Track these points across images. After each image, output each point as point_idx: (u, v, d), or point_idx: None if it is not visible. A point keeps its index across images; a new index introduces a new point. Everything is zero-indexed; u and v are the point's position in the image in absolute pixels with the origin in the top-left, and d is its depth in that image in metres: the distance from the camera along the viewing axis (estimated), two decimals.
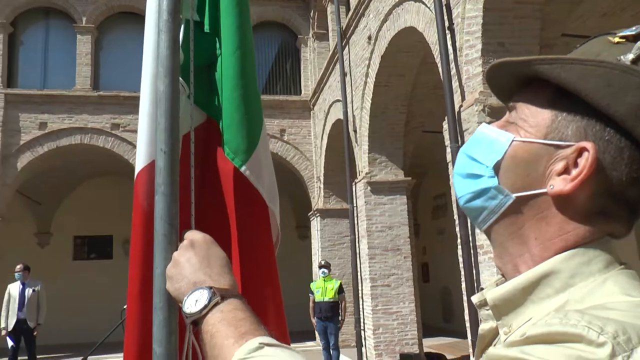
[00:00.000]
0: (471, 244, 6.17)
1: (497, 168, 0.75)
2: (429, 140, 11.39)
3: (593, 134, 0.69)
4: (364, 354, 10.89)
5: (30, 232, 17.55)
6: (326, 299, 10.11)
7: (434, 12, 7.04)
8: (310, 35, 16.10)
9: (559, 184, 0.70)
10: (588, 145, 0.68)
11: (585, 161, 0.68)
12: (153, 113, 1.24)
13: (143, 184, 1.28)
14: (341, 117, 12.18)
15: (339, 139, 12.67)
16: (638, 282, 0.67)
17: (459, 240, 6.35)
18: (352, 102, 11.86)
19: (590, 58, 0.71)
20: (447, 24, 6.86)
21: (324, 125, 14.13)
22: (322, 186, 14.48)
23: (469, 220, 5.92)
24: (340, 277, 12.51)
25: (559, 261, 0.69)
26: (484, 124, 0.82)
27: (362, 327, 11.08)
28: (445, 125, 6.68)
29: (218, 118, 1.40)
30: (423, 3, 7.84)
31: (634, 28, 0.71)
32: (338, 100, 12.67)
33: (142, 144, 1.32)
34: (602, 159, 0.68)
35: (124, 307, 1.36)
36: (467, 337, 6.52)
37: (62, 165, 15.73)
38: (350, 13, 11.76)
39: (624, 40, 0.71)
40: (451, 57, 6.75)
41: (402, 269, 10.59)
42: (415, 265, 11.09)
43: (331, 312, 10.11)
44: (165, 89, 1.13)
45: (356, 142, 11.65)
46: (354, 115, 11.73)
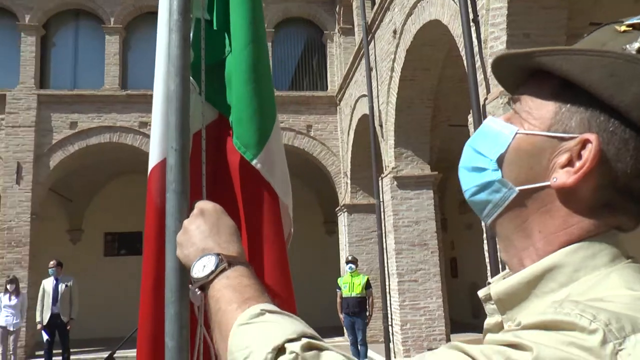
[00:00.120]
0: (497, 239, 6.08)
1: (500, 161, 0.74)
2: (455, 134, 11.28)
3: (597, 126, 0.67)
4: (392, 350, 10.86)
5: (63, 229, 17.92)
6: (353, 294, 10.11)
7: (458, 4, 6.96)
8: (336, 30, 16.06)
9: (562, 177, 0.68)
10: (591, 136, 0.67)
11: (588, 153, 0.67)
12: (165, 111, 1.25)
13: (156, 182, 1.31)
14: (367, 112, 12.14)
15: (366, 134, 12.64)
16: None
17: (485, 235, 6.29)
18: (377, 96, 11.81)
19: (594, 48, 0.70)
20: (471, 16, 6.77)
21: (351, 120, 14.10)
22: (349, 181, 14.46)
23: None
24: (368, 273, 12.48)
25: (563, 255, 0.68)
26: (490, 117, 0.81)
27: (389, 323, 11.05)
28: (470, 118, 6.60)
29: (229, 114, 1.41)
30: None
31: None
32: (364, 95, 12.63)
33: (154, 141, 1.35)
34: (606, 150, 0.67)
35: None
36: None
37: (92, 163, 16.02)
38: (376, 7, 11.70)
39: (630, 28, 0.70)
40: (476, 49, 6.67)
41: (429, 264, 10.53)
42: (443, 260, 11.02)
43: (358, 308, 10.10)
44: (176, 88, 1.14)
45: (382, 136, 11.60)
46: (379, 110, 11.68)
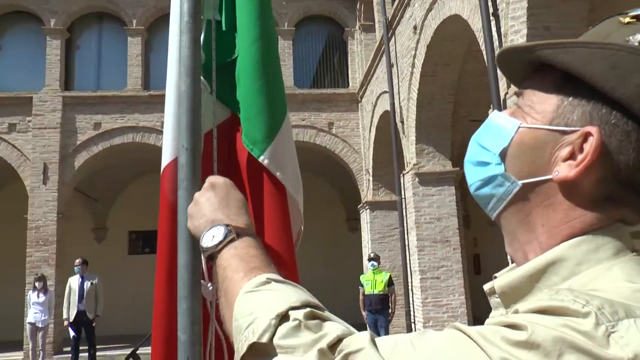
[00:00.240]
0: None
1: (503, 155, 0.75)
2: (476, 130, 11.16)
3: (599, 118, 0.67)
4: None
5: (88, 228, 18.21)
6: (376, 291, 10.11)
7: None
8: (357, 27, 16.02)
9: (563, 170, 0.68)
10: (593, 129, 0.66)
11: (589, 146, 0.66)
12: (176, 111, 1.28)
13: (168, 180, 1.33)
14: (388, 108, 12.11)
15: (387, 130, 12.60)
16: None
17: None
18: (398, 93, 11.77)
19: (596, 40, 0.69)
20: (491, 10, 6.71)
21: (372, 117, 14.07)
22: (371, 178, 14.44)
23: None
24: (390, 270, 12.46)
25: (566, 249, 0.68)
26: (495, 111, 0.82)
27: (412, 320, 11.02)
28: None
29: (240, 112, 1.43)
30: None
31: None
32: (385, 92, 12.59)
33: (167, 141, 1.37)
34: (608, 143, 0.66)
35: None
36: None
37: (116, 163, 16.25)
38: (396, 3, 11.65)
39: (634, 20, 0.69)
40: (496, 43, 6.61)
41: (451, 260, 10.47)
42: (465, 256, 10.94)
43: (381, 305, 10.09)
44: (186, 88, 1.17)
45: (403, 133, 11.56)
46: (400, 106, 11.64)
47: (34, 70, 15.09)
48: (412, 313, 11.02)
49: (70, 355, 11.12)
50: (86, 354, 10.90)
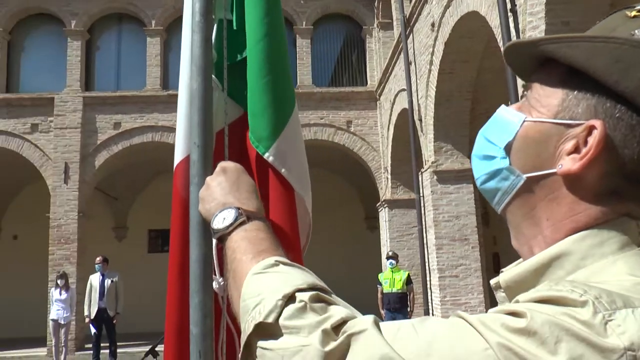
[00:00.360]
0: None
1: (508, 149, 0.75)
2: None
3: (603, 112, 0.67)
4: None
5: (109, 227, 18.43)
6: (394, 290, 10.09)
7: None
8: (375, 25, 15.97)
9: (567, 163, 0.68)
10: (596, 123, 0.66)
11: (593, 139, 0.66)
12: (188, 109, 1.30)
13: (180, 177, 1.35)
14: (407, 106, 12.07)
15: (405, 128, 12.56)
16: None
17: None
18: (417, 90, 11.73)
19: (602, 34, 0.69)
20: (509, 5, 6.66)
21: (390, 115, 14.04)
22: (389, 177, 14.40)
23: None
24: (409, 268, 12.42)
25: (570, 243, 0.68)
26: (502, 106, 0.82)
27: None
28: None
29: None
30: None
31: None
32: (403, 90, 12.55)
33: (179, 138, 1.40)
34: (613, 136, 0.66)
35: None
36: None
37: (135, 162, 16.42)
38: (414, 1, 11.61)
39: None
40: (514, 39, 6.54)
41: (470, 259, 10.41)
42: (484, 255, 10.87)
43: (400, 303, 10.07)
44: (198, 87, 1.19)
45: (422, 131, 11.51)
46: (419, 104, 11.59)
47: (56, 72, 15.33)
48: (430, 311, 10.98)
49: (91, 351, 11.26)
50: (107, 351, 11.04)
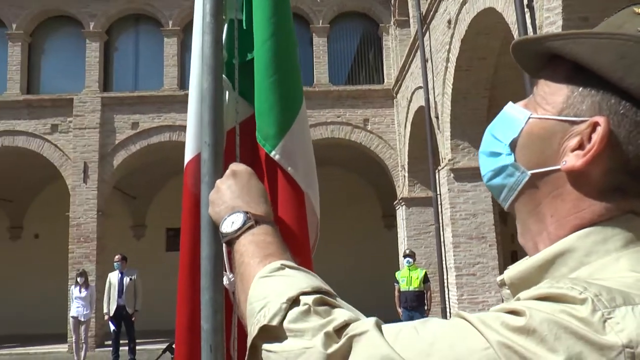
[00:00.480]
0: None
1: (514, 145, 0.75)
2: None
3: (608, 108, 0.67)
4: None
5: (127, 225, 18.62)
6: (411, 288, 10.05)
7: None
8: (392, 22, 15.92)
9: (571, 160, 0.69)
10: (600, 119, 0.66)
11: (597, 136, 0.66)
12: (199, 109, 1.31)
13: (191, 175, 1.37)
14: (423, 104, 12.01)
15: (422, 126, 12.50)
16: None
17: None
18: (433, 88, 11.67)
19: (609, 31, 0.69)
20: (526, 1, 6.60)
21: (407, 112, 13.98)
22: (406, 175, 14.35)
23: None
24: (426, 267, 12.37)
25: (574, 239, 0.68)
26: (510, 103, 0.82)
27: (448, 317, 10.92)
28: None
29: None
30: None
31: None
32: (420, 87, 12.49)
33: (190, 137, 1.42)
34: (617, 133, 0.66)
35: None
36: None
37: (153, 161, 16.56)
38: None
39: None
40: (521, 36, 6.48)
41: (487, 257, 10.33)
42: (502, 253, 10.79)
43: (417, 302, 10.04)
44: (208, 86, 1.21)
45: (438, 128, 11.46)
46: (435, 102, 11.54)
47: (75, 73, 15.52)
48: (448, 310, 10.94)
49: (111, 348, 11.39)
50: (126, 348, 11.16)
